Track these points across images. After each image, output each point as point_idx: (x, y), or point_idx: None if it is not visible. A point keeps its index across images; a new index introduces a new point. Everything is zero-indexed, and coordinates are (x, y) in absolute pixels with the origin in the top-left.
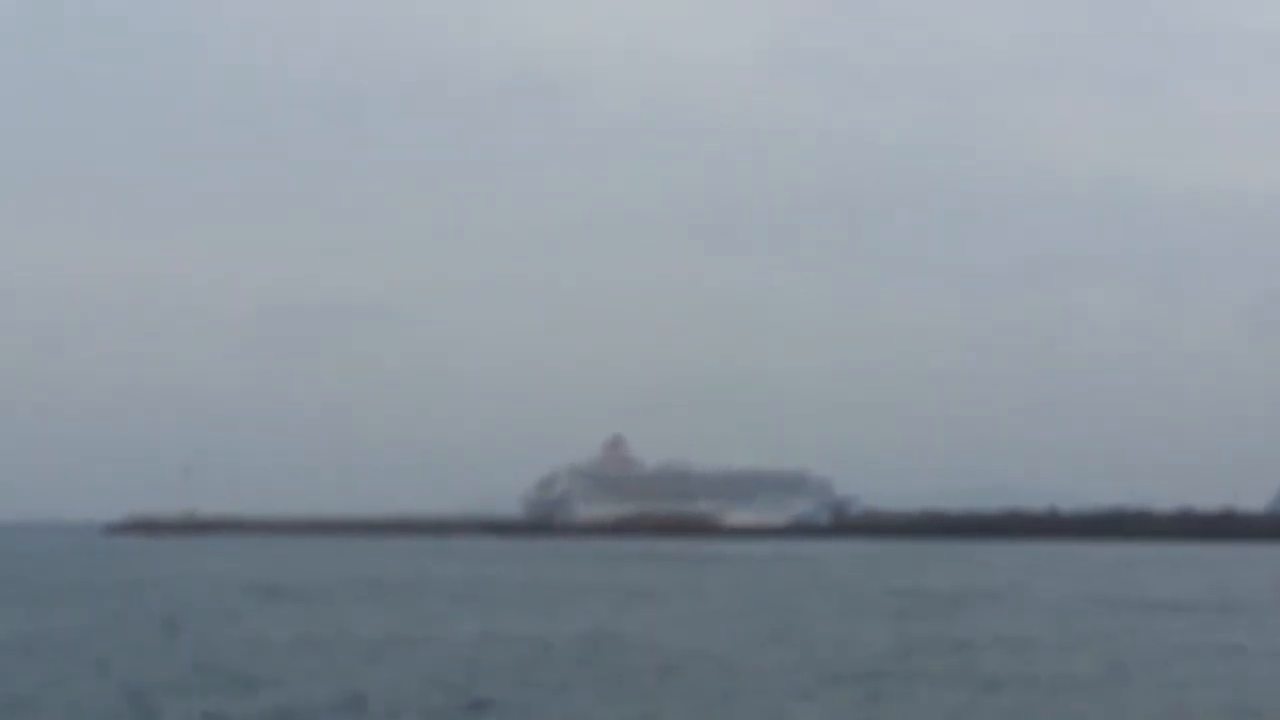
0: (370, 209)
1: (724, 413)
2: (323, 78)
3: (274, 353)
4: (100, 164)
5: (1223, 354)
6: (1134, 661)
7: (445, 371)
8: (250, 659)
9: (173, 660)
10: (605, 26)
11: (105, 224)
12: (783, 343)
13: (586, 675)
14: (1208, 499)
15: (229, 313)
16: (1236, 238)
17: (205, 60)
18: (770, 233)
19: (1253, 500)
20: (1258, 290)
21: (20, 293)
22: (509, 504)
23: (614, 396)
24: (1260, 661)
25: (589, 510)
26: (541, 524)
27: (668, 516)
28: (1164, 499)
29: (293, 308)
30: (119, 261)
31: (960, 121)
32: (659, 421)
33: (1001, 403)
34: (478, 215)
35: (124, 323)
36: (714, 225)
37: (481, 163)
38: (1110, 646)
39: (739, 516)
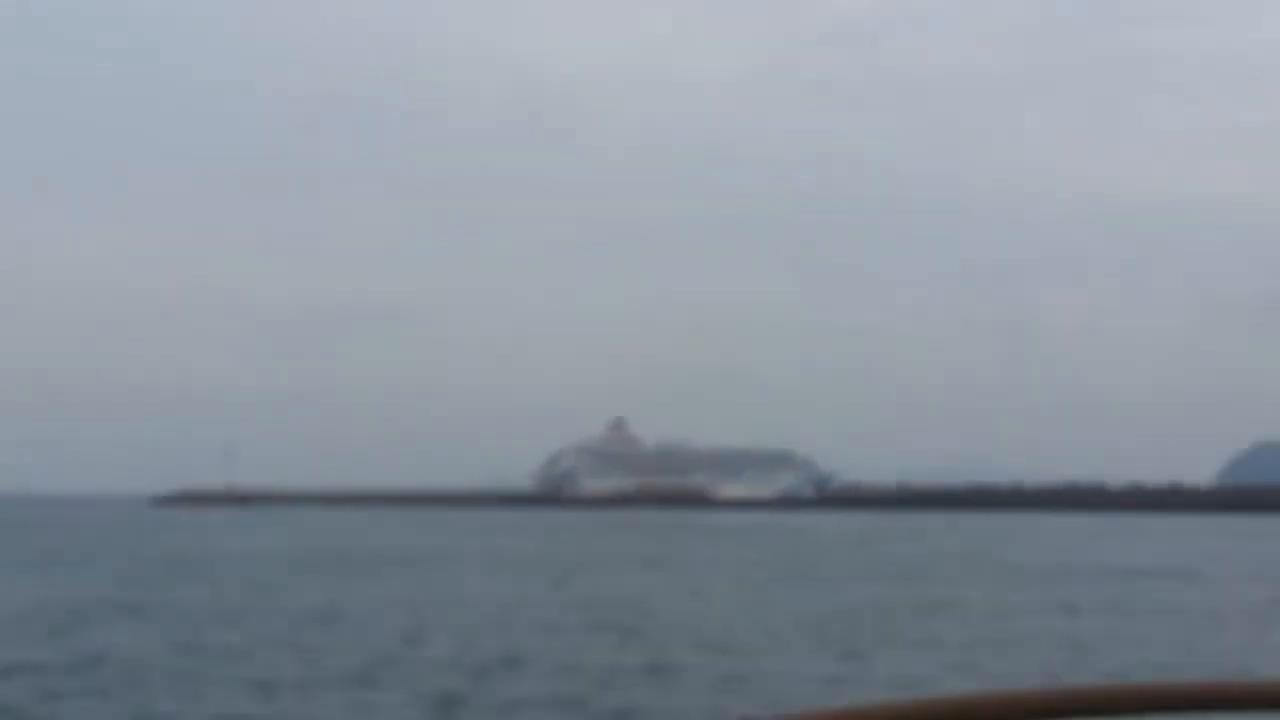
0: (393, 223)
1: (717, 397)
2: (353, 108)
3: (307, 347)
4: (157, 182)
5: (1174, 347)
6: (1100, 621)
7: (463, 363)
8: (285, 625)
9: (220, 625)
10: (606, 54)
11: (159, 232)
12: (772, 336)
13: (599, 634)
14: (1157, 474)
15: (267, 311)
16: (1188, 243)
17: (241, 82)
18: (762, 239)
19: (1198, 475)
20: (1207, 289)
21: (84, 290)
22: (521, 479)
23: (617, 383)
24: (1217, 622)
25: (594, 484)
26: (550, 497)
27: (666, 490)
28: (1116, 474)
29: (323, 308)
30: (169, 265)
31: (938, 138)
32: (658, 405)
33: (971, 388)
34: (491, 227)
35: (174, 319)
36: (709, 234)
37: (492, 179)
38: (1076, 607)
39: (731, 490)
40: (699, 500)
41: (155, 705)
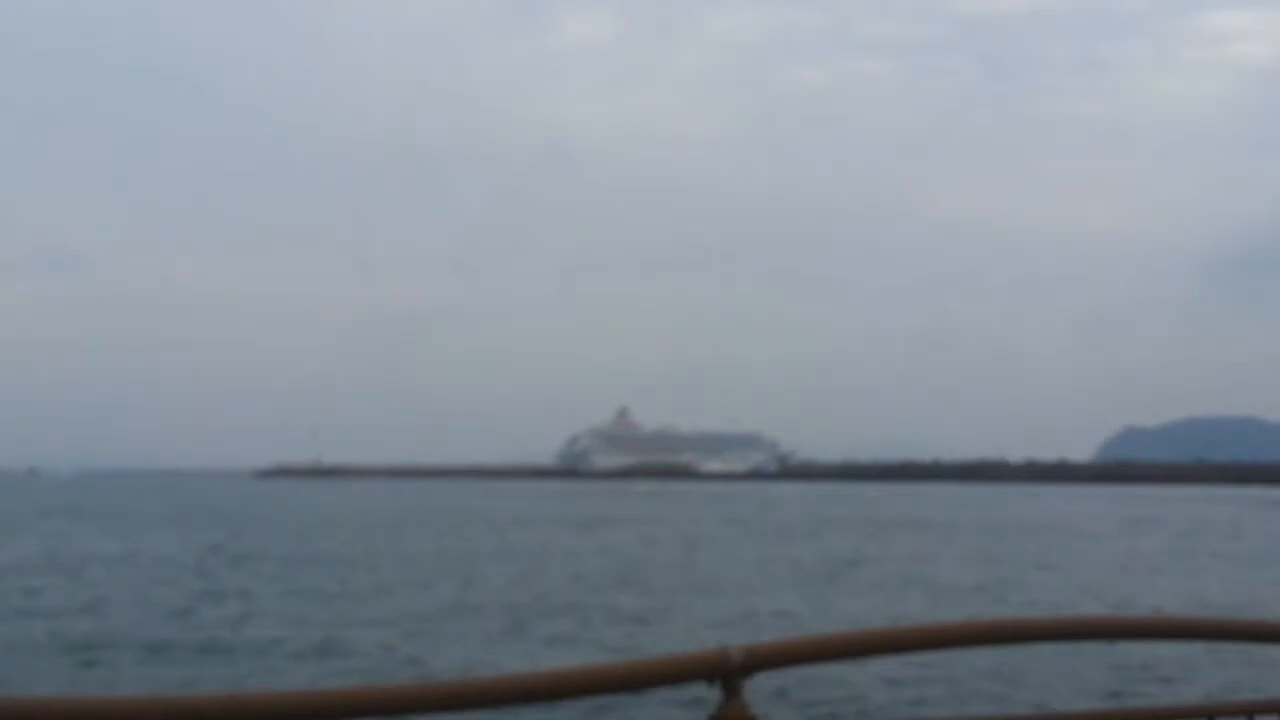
0: (444, 244)
1: (701, 391)
2: (421, 156)
3: (375, 348)
4: (260, 218)
5: (1058, 348)
6: (1010, 567)
7: (499, 361)
8: (366, 571)
9: (312, 571)
10: (613, 113)
11: (259, 257)
12: (743, 340)
13: (610, 576)
14: (1047, 452)
15: (344, 318)
16: (1066, 265)
17: (342, 140)
18: (735, 261)
19: (1079, 453)
20: (1085, 302)
21: (198, 303)
22: (546, 456)
23: (622, 379)
24: (1100, 567)
25: (603, 461)
26: (569, 470)
27: (660, 465)
28: (1015, 452)
29: (387, 317)
30: (266, 283)
31: (870, 182)
32: (654, 397)
33: (900, 384)
34: (521, 250)
35: (269, 326)
36: (697, 256)
37: (523, 210)
38: (990, 557)
39: (712, 465)
40: (687, 473)
41: (262, 632)
